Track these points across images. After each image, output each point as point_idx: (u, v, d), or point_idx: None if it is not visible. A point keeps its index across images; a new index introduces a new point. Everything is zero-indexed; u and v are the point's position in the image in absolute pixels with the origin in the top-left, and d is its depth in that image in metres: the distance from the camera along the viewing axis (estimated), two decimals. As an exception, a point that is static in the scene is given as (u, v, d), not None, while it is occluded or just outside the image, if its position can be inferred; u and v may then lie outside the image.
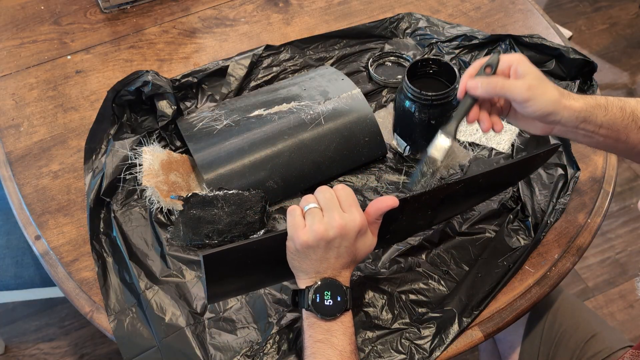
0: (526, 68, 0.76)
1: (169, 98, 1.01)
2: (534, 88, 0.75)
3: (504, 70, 0.78)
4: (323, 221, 0.69)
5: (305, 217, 0.71)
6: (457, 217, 0.94)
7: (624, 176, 2.05)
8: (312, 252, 0.70)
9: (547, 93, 0.75)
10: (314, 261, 0.71)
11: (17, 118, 1.10)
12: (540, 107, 0.75)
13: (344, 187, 0.73)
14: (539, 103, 0.75)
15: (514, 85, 0.75)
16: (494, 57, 0.78)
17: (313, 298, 0.71)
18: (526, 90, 0.75)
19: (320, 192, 0.72)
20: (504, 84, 0.76)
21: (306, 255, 0.71)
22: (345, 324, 0.72)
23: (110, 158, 0.98)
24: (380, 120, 1.07)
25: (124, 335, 0.84)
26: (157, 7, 1.30)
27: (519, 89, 0.75)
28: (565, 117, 0.76)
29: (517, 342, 1.06)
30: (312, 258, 0.71)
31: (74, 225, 0.96)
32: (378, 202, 0.73)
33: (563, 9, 2.56)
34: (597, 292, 1.79)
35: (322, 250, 0.70)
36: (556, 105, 0.75)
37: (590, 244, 0.94)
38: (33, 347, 1.64)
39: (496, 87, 0.76)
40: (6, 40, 1.24)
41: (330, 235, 0.69)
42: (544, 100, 0.75)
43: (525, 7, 1.29)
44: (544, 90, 0.75)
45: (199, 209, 0.91)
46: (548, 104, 0.75)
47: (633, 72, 2.34)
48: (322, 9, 1.29)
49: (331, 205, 0.70)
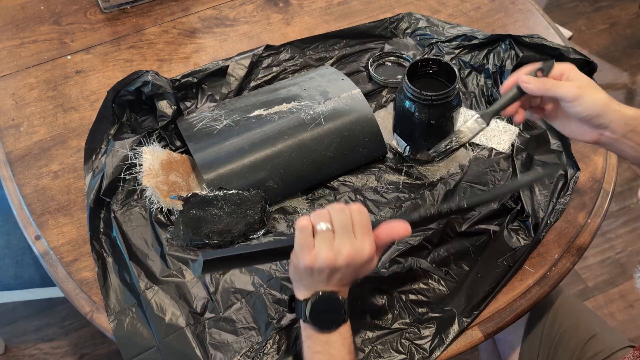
0: (578, 74, 0.79)
1: (169, 98, 1.01)
2: (584, 88, 0.77)
3: (555, 76, 0.81)
4: (333, 248, 0.68)
5: (316, 238, 0.69)
6: (457, 217, 0.94)
7: (624, 176, 2.05)
8: (315, 273, 0.69)
9: (597, 94, 0.77)
10: (315, 281, 0.70)
11: (17, 118, 1.10)
12: (588, 107, 0.76)
13: (361, 210, 0.70)
14: (588, 102, 0.76)
15: (565, 84, 0.79)
16: (549, 62, 0.82)
17: (311, 311, 0.70)
18: (576, 89, 0.77)
19: (335, 211, 0.69)
20: (555, 83, 0.79)
21: (308, 275, 0.70)
22: (343, 335, 0.72)
23: (110, 158, 0.98)
24: (380, 120, 1.07)
25: (124, 335, 0.84)
26: (157, 7, 1.30)
27: (569, 87, 0.78)
28: (615, 122, 0.76)
29: (517, 342, 1.06)
30: (315, 278, 0.70)
31: (74, 225, 0.96)
32: (390, 229, 0.71)
33: (563, 9, 2.56)
34: (597, 292, 1.79)
35: (325, 274, 0.69)
36: (605, 107, 0.76)
37: (590, 244, 0.94)
38: (33, 347, 1.64)
39: (547, 85, 0.79)
40: (6, 40, 1.24)
41: (338, 264, 0.68)
42: (593, 100, 0.76)
43: (525, 7, 1.29)
44: (594, 91, 0.77)
45: (199, 209, 0.91)
46: (597, 104, 0.76)
47: (633, 72, 2.34)
48: (322, 9, 1.29)
49: (344, 230, 0.68)
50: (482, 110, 0.84)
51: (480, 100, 1.10)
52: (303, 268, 0.69)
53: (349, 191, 0.98)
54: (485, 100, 1.09)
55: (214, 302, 0.87)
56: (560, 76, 0.81)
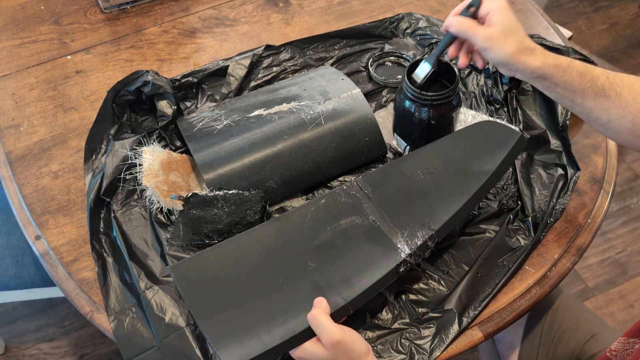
0: (498, 18, 0.81)
1: (169, 98, 1.01)
2: (493, 40, 0.81)
3: (482, 14, 0.84)
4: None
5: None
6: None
7: (624, 176, 2.05)
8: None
9: (504, 46, 0.80)
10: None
11: (17, 118, 1.10)
12: (494, 57, 0.82)
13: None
14: (494, 54, 0.82)
15: (478, 32, 0.82)
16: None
17: None
18: (485, 40, 0.81)
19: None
20: (471, 28, 0.83)
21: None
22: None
23: (110, 158, 0.98)
24: (380, 120, 1.07)
25: (124, 335, 0.84)
26: (157, 7, 1.30)
27: (480, 37, 0.82)
28: (520, 71, 0.82)
29: (516, 342, 1.06)
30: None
31: (74, 225, 0.96)
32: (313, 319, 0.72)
33: (563, 9, 2.56)
34: (597, 292, 1.79)
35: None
36: (510, 59, 0.81)
37: (590, 244, 0.94)
38: (33, 347, 1.64)
39: (463, 29, 0.83)
40: (6, 40, 1.24)
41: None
42: (498, 52, 0.81)
43: (525, 7, 1.29)
44: (502, 42, 0.81)
45: (199, 209, 0.91)
46: (502, 57, 0.81)
47: (633, 72, 2.32)
48: (322, 9, 1.29)
49: None
50: (428, 56, 0.88)
51: (480, 100, 1.10)
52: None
53: (349, 191, 0.98)
54: (485, 100, 1.09)
55: (214, 302, 0.87)
56: (486, 14, 0.83)
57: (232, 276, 0.78)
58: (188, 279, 0.78)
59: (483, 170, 0.87)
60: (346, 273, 0.78)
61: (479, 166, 0.87)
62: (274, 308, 0.75)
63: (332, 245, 0.81)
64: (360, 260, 0.79)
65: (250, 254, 0.80)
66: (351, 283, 0.77)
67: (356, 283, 0.77)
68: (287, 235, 0.82)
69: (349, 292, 0.76)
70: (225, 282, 0.78)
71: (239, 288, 0.77)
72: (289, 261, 0.80)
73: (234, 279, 0.78)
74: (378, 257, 0.80)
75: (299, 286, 0.77)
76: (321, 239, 0.81)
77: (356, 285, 0.77)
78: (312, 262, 0.79)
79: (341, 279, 0.77)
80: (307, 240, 0.81)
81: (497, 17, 0.81)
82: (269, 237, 0.82)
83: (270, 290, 0.77)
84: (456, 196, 0.84)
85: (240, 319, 0.74)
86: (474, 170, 0.87)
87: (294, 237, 0.82)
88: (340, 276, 0.77)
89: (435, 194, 0.85)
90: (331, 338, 0.69)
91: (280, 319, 0.73)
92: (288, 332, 0.72)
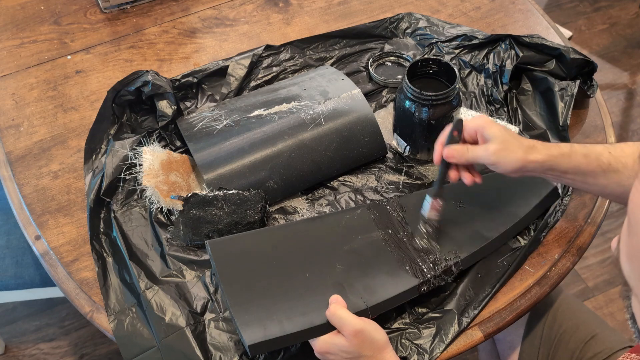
0: (491, 131, 0.82)
1: (169, 98, 1.01)
2: (499, 152, 0.80)
3: (471, 134, 0.84)
4: None
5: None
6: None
7: (624, 176, 2.05)
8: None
9: (511, 154, 0.80)
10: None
11: (17, 118, 1.10)
12: (506, 168, 0.82)
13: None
14: (505, 164, 0.81)
15: (480, 152, 0.82)
16: (457, 122, 0.84)
17: None
18: (492, 155, 0.81)
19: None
20: (469, 152, 0.83)
21: None
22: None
23: (110, 158, 0.98)
24: (380, 120, 1.07)
25: (124, 335, 0.84)
26: (157, 7, 1.30)
27: (485, 155, 0.82)
28: (531, 169, 0.82)
29: (516, 342, 1.06)
30: None
31: (74, 225, 0.96)
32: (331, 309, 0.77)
33: (563, 9, 2.55)
34: (597, 292, 1.79)
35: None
36: (522, 163, 0.81)
37: (590, 244, 0.94)
38: (33, 347, 1.64)
39: (463, 156, 0.83)
40: (6, 40, 1.24)
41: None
42: (509, 162, 0.81)
43: (525, 7, 1.29)
44: (508, 152, 0.81)
45: (199, 209, 0.91)
46: (514, 164, 0.81)
47: (633, 72, 2.34)
48: (322, 9, 1.29)
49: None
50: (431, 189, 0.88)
51: (480, 100, 1.10)
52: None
53: (349, 191, 0.98)
54: (485, 100, 1.09)
55: (214, 302, 0.87)
56: (475, 134, 0.84)
57: (264, 262, 0.83)
58: (224, 255, 0.83)
59: (514, 213, 0.92)
60: (370, 281, 0.82)
61: (511, 209, 0.92)
62: (297, 298, 0.80)
63: (360, 253, 0.85)
64: (385, 272, 0.83)
65: (284, 246, 0.86)
66: (373, 290, 0.81)
67: (378, 292, 0.81)
68: (320, 236, 0.87)
69: (370, 297, 0.80)
70: (256, 266, 0.83)
71: (268, 274, 0.82)
72: (318, 259, 0.84)
73: (265, 265, 0.83)
74: (403, 272, 0.84)
75: (323, 283, 0.81)
76: (351, 246, 0.86)
77: (378, 294, 0.81)
78: (340, 265, 0.83)
79: (364, 286, 0.81)
80: (338, 244, 0.86)
81: (489, 131, 0.82)
82: (303, 234, 0.87)
83: (296, 281, 0.81)
84: (485, 231, 0.90)
85: (265, 302, 0.79)
86: (505, 212, 0.92)
87: (326, 239, 0.87)
88: (363, 283, 0.82)
89: (466, 226, 0.90)
90: (353, 327, 0.73)
91: (301, 309, 0.78)
92: (307, 322, 0.77)
